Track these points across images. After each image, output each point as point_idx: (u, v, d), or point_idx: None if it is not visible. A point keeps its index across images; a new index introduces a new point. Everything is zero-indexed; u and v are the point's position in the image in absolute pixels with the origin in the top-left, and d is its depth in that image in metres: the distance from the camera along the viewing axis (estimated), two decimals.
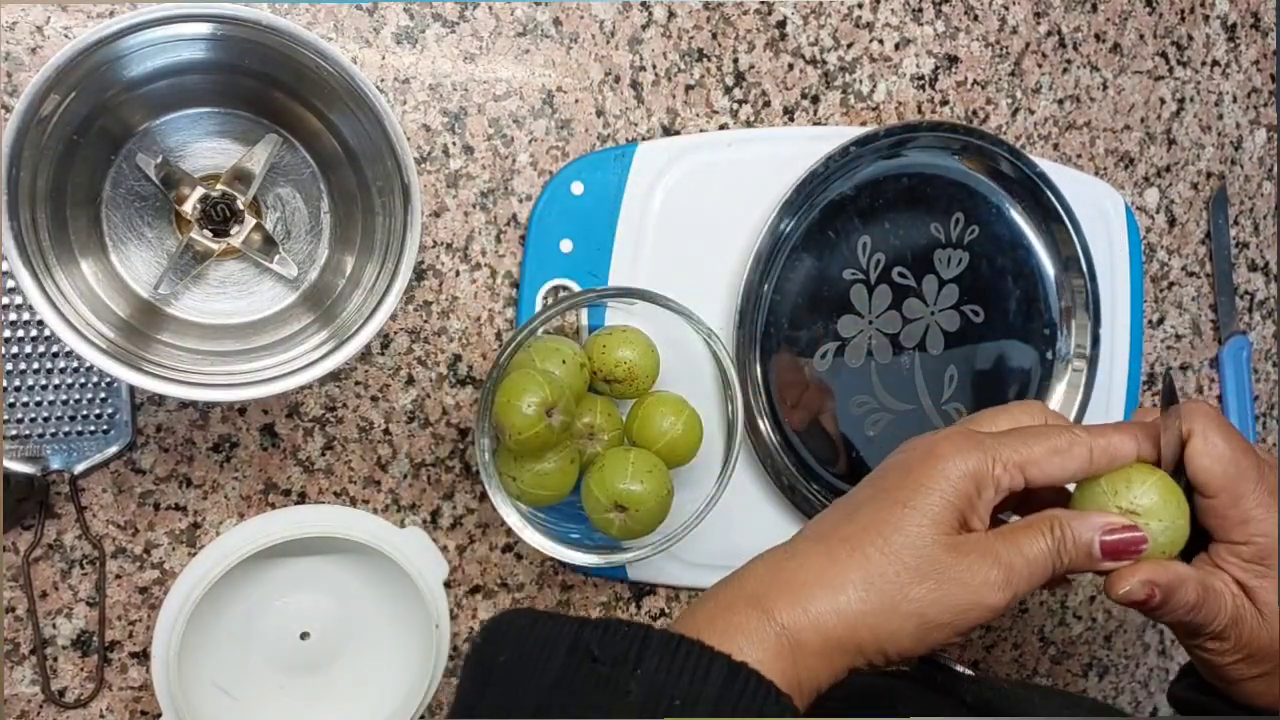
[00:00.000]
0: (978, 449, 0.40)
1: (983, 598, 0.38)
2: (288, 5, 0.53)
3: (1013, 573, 0.39)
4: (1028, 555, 0.39)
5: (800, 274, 0.60)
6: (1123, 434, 0.42)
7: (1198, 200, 0.73)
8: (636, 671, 0.34)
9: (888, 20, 0.64)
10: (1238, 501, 0.41)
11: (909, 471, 0.40)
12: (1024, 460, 0.40)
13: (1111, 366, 0.68)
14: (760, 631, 0.37)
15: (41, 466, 0.52)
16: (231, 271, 0.51)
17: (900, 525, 0.39)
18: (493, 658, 0.37)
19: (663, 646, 0.35)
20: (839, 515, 0.41)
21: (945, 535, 0.39)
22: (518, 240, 0.58)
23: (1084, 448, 0.41)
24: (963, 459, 0.40)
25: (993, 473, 0.40)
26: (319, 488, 0.56)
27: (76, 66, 0.42)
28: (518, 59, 0.57)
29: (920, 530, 0.39)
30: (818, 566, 0.39)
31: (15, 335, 0.51)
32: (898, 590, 0.38)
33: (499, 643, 0.37)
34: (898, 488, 0.40)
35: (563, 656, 0.35)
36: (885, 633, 0.38)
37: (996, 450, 0.40)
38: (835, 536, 0.40)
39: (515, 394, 0.49)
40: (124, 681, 0.55)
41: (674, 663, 0.34)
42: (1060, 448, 0.41)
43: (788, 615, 0.37)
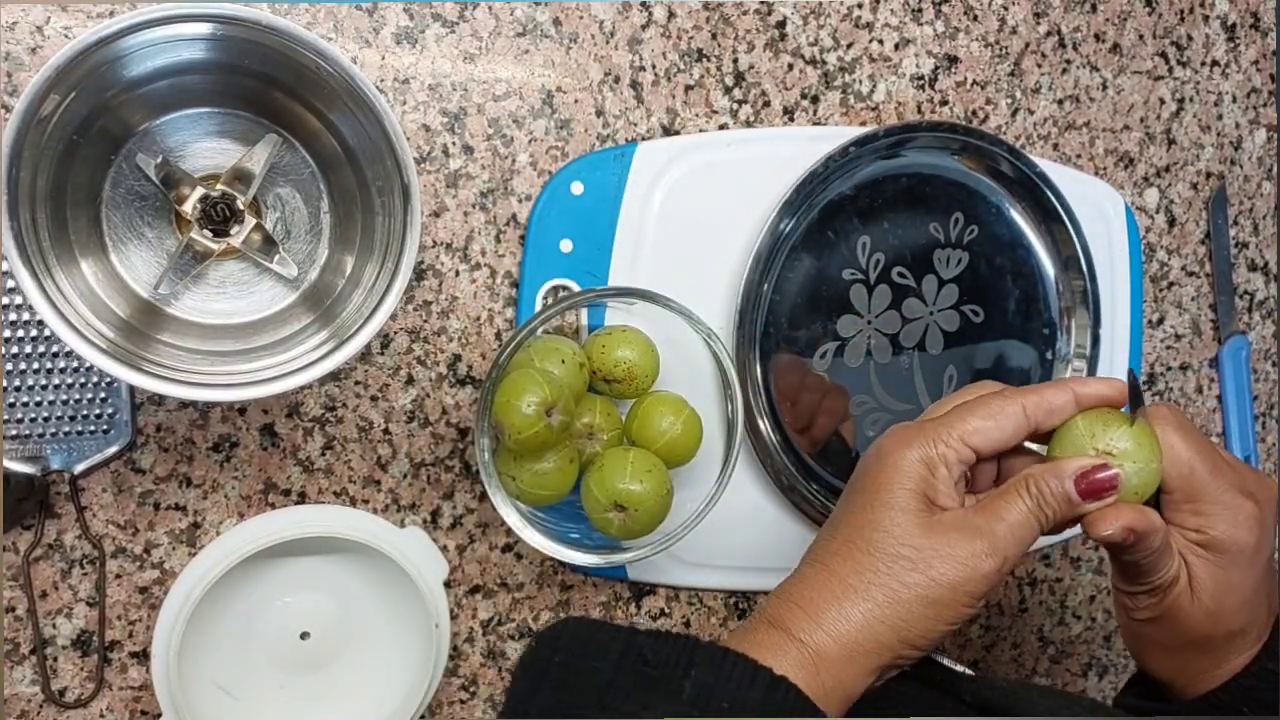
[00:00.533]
0: (918, 434, 0.43)
1: (974, 568, 0.41)
2: (288, 5, 0.53)
3: (996, 539, 0.41)
4: (1008, 519, 0.42)
5: (800, 274, 0.60)
6: (1055, 388, 0.44)
7: (1197, 200, 0.73)
8: (689, 675, 0.37)
9: (887, 20, 0.64)
10: (1192, 499, 0.44)
11: (868, 475, 0.43)
12: (963, 432, 0.43)
13: (1111, 366, 0.68)
14: (782, 648, 0.40)
15: (41, 466, 0.52)
16: (231, 271, 0.51)
17: (876, 524, 0.42)
18: (548, 659, 0.39)
19: (710, 656, 0.38)
20: (826, 534, 0.44)
21: (919, 520, 0.41)
22: (517, 240, 0.58)
23: (1016, 406, 0.43)
24: (907, 448, 0.42)
25: (937, 451, 0.42)
26: (319, 488, 0.56)
27: (76, 66, 0.42)
28: (517, 59, 0.57)
29: (894, 523, 0.41)
30: (819, 582, 0.42)
31: (15, 335, 0.51)
32: (894, 581, 0.40)
33: (554, 645, 0.40)
34: (863, 492, 0.43)
35: (616, 659, 0.38)
36: (899, 623, 0.40)
37: (935, 432, 0.43)
38: (827, 552, 0.43)
39: (515, 394, 0.49)
40: (124, 681, 0.55)
41: (721, 670, 0.37)
42: (994, 411, 0.43)
43: (804, 631, 0.40)
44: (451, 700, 0.60)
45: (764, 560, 0.62)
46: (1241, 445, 0.75)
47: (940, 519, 0.42)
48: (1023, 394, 0.44)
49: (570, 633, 0.40)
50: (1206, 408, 0.74)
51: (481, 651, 0.60)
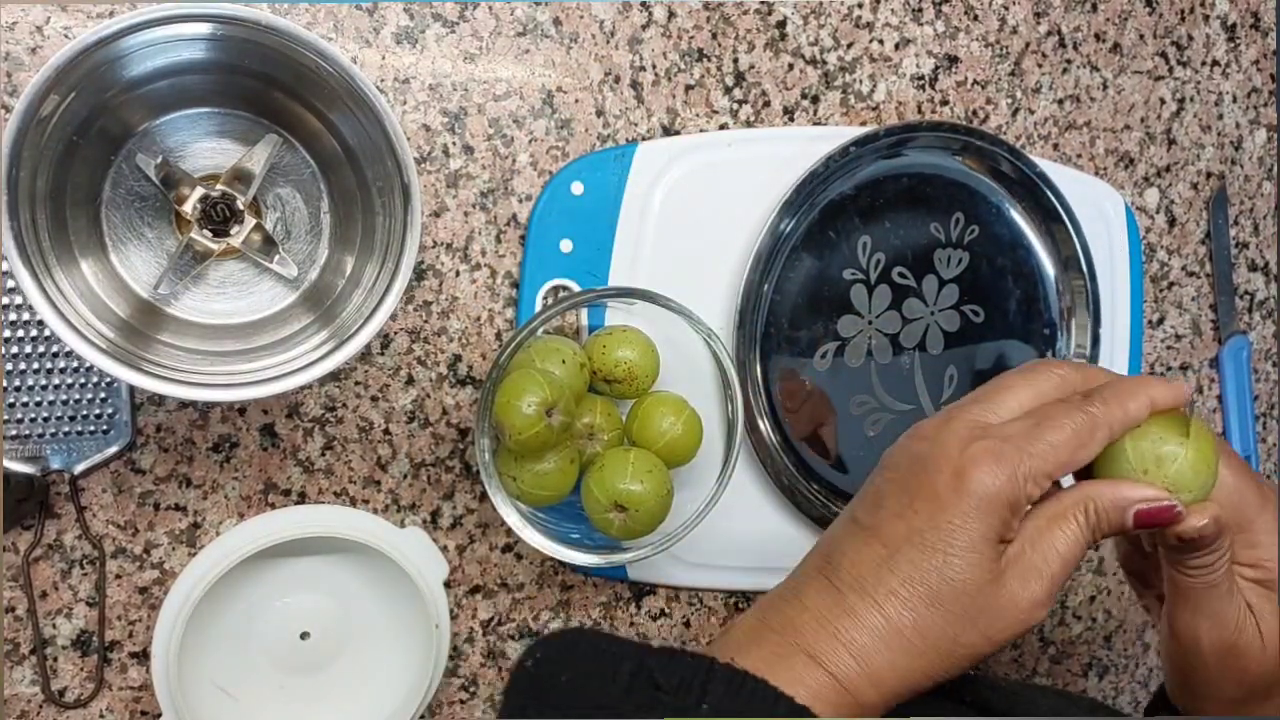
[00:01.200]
0: (1010, 473, 0.38)
1: (1029, 619, 0.38)
2: (288, 5, 0.53)
3: (1053, 579, 0.39)
4: (1062, 551, 0.39)
5: (800, 274, 0.60)
6: (1137, 399, 0.40)
7: (1198, 200, 0.73)
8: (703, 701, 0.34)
9: (888, 20, 0.64)
10: (1244, 528, 0.41)
11: (940, 506, 0.38)
12: (1054, 467, 0.39)
13: (1111, 366, 0.68)
14: (818, 684, 0.37)
15: (41, 466, 0.52)
16: (231, 271, 0.51)
17: (944, 574, 0.38)
18: (553, 675, 0.37)
19: (727, 680, 0.35)
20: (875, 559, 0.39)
21: (989, 571, 0.38)
22: (518, 240, 0.58)
23: (1104, 431, 0.40)
24: (995, 487, 0.38)
25: (1025, 490, 0.39)
26: (319, 488, 0.56)
27: (76, 66, 0.42)
28: (518, 59, 0.57)
29: (964, 577, 0.38)
30: (871, 625, 0.38)
31: (15, 335, 0.51)
32: (952, 639, 0.38)
33: (560, 660, 0.37)
34: (933, 529, 0.38)
35: (626, 681, 0.36)
36: (941, 672, 0.38)
37: (1025, 464, 0.38)
38: (882, 590, 0.38)
39: (515, 394, 0.49)
40: (124, 681, 0.55)
41: (739, 697, 0.35)
42: (1084, 439, 0.39)
43: (845, 674, 0.37)
44: (451, 700, 0.60)
45: (764, 560, 0.62)
46: (1242, 445, 0.75)
47: (1004, 566, 0.38)
48: (1107, 410, 0.40)
49: (578, 646, 0.38)
50: (1207, 408, 0.74)
51: (481, 652, 0.60)
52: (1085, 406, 0.40)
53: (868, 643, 0.38)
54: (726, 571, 0.62)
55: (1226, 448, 0.43)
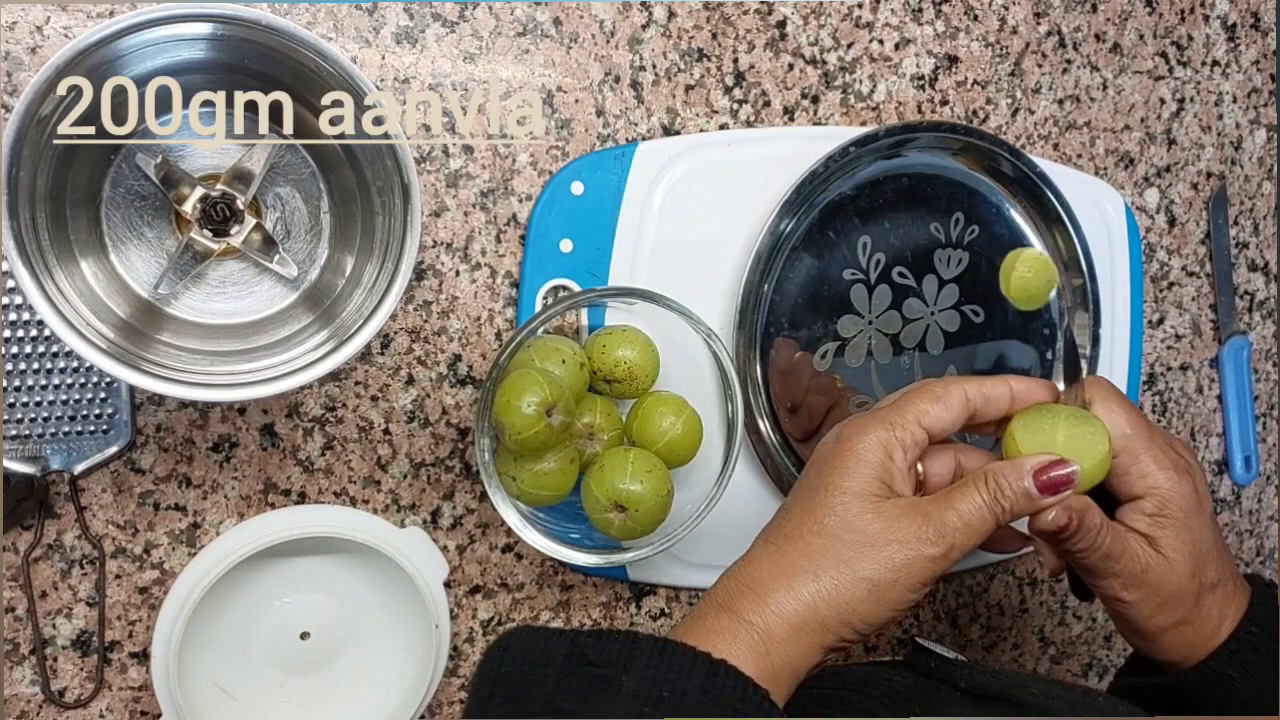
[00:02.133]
0: (874, 420, 0.45)
1: (919, 551, 0.42)
2: (288, 5, 0.53)
3: (945, 525, 0.43)
4: (960, 509, 0.43)
5: (800, 274, 0.60)
6: (993, 379, 0.47)
7: (1198, 200, 0.73)
8: (629, 670, 0.38)
9: (888, 20, 0.64)
10: (1136, 459, 0.46)
11: (824, 461, 0.45)
12: (916, 414, 0.45)
13: (1111, 367, 0.68)
14: (732, 631, 0.41)
15: (41, 466, 0.52)
16: (231, 271, 0.51)
17: (829, 508, 0.43)
18: (497, 669, 0.40)
19: (650, 648, 0.39)
20: (779, 517, 0.45)
21: (871, 504, 0.43)
22: (518, 240, 0.58)
23: (959, 389, 0.46)
24: (864, 434, 0.44)
25: (895, 435, 0.44)
26: (319, 488, 0.56)
27: (76, 66, 0.42)
28: (518, 59, 0.57)
29: (847, 507, 0.43)
30: (769, 564, 0.43)
31: (15, 335, 0.51)
32: (842, 564, 0.42)
33: (502, 656, 0.41)
34: (819, 476, 0.44)
35: (560, 662, 0.39)
36: (843, 604, 0.42)
37: (890, 416, 0.45)
38: (778, 535, 0.44)
39: (515, 394, 0.49)
40: (124, 681, 0.55)
41: (661, 661, 0.38)
42: (939, 395, 0.45)
43: (753, 612, 0.41)
44: (451, 700, 0.60)
45: None
46: (1242, 445, 0.75)
47: (892, 503, 0.43)
48: (963, 381, 0.47)
49: (517, 641, 0.41)
50: (1207, 408, 0.74)
51: (481, 652, 0.60)
52: (957, 379, 0.47)
53: (763, 577, 0.42)
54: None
55: (1118, 394, 0.48)
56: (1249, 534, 0.77)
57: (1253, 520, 0.77)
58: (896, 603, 0.42)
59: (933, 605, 0.68)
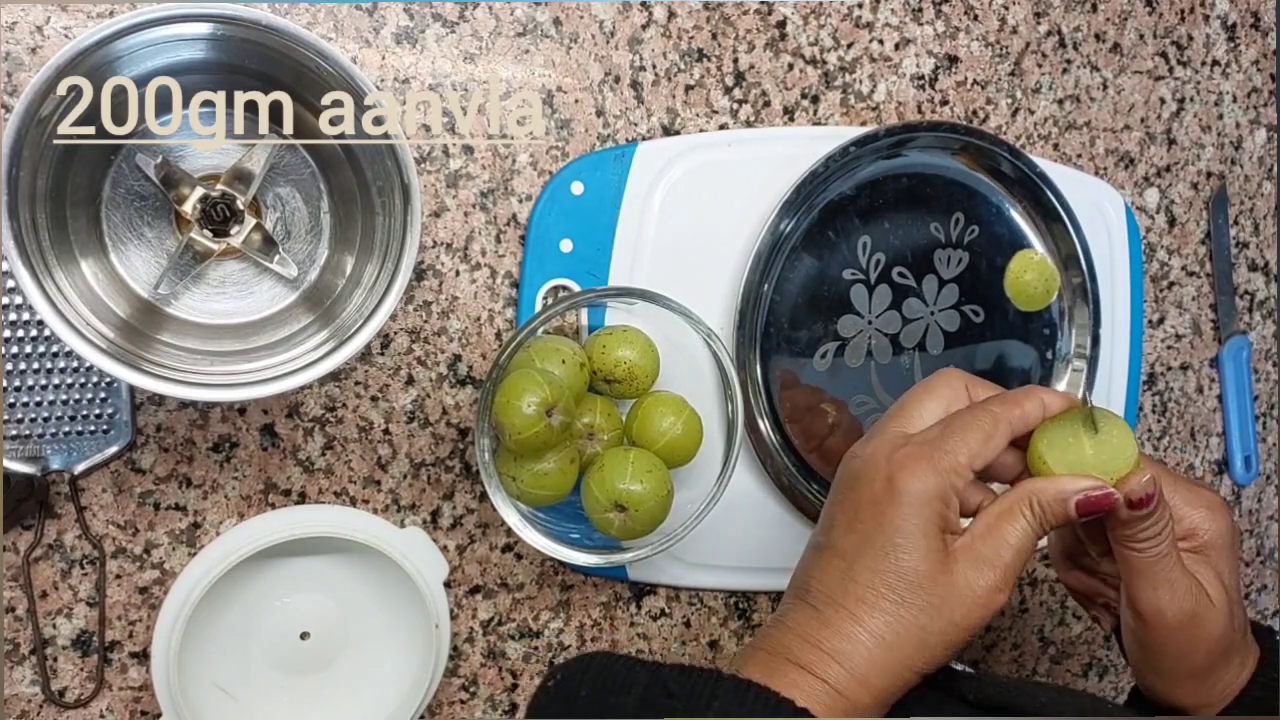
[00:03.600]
0: (932, 469, 0.43)
1: (988, 603, 0.42)
2: (288, 5, 0.53)
3: (1007, 568, 0.42)
4: (1013, 543, 0.43)
5: (800, 274, 0.60)
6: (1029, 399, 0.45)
7: (1198, 200, 0.73)
8: (710, 707, 0.38)
9: (888, 20, 0.64)
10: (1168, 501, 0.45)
11: (880, 511, 0.43)
12: (969, 459, 0.43)
13: (1111, 366, 0.68)
14: (813, 690, 0.41)
15: (41, 466, 0.52)
16: (231, 271, 0.51)
17: (899, 571, 0.42)
18: (574, 693, 0.40)
19: (733, 688, 0.39)
20: (838, 573, 0.43)
21: (939, 561, 0.42)
22: (518, 240, 0.58)
23: (1005, 426, 0.44)
24: (923, 483, 0.42)
25: (951, 484, 0.43)
26: (319, 488, 0.56)
27: (76, 66, 0.42)
28: (518, 59, 0.57)
29: (917, 569, 0.42)
30: (848, 631, 0.42)
31: (15, 335, 0.51)
32: (920, 629, 0.41)
33: (580, 679, 0.41)
34: (879, 532, 0.43)
35: (640, 692, 0.39)
36: (921, 663, 0.42)
37: (946, 461, 0.43)
38: (851, 598, 0.42)
39: (515, 394, 0.49)
40: (124, 681, 0.55)
41: (744, 704, 0.38)
42: (989, 433, 0.44)
43: (834, 678, 0.41)
44: (451, 700, 0.60)
45: (764, 560, 0.62)
46: (1242, 445, 0.75)
47: (954, 554, 0.42)
48: (1005, 408, 0.45)
49: (596, 666, 0.41)
50: (1207, 408, 0.74)
51: (481, 652, 0.60)
52: (986, 406, 0.45)
53: (848, 648, 0.41)
54: (726, 571, 0.62)
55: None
56: (1249, 534, 0.77)
57: (1253, 520, 0.77)
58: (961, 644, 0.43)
59: None
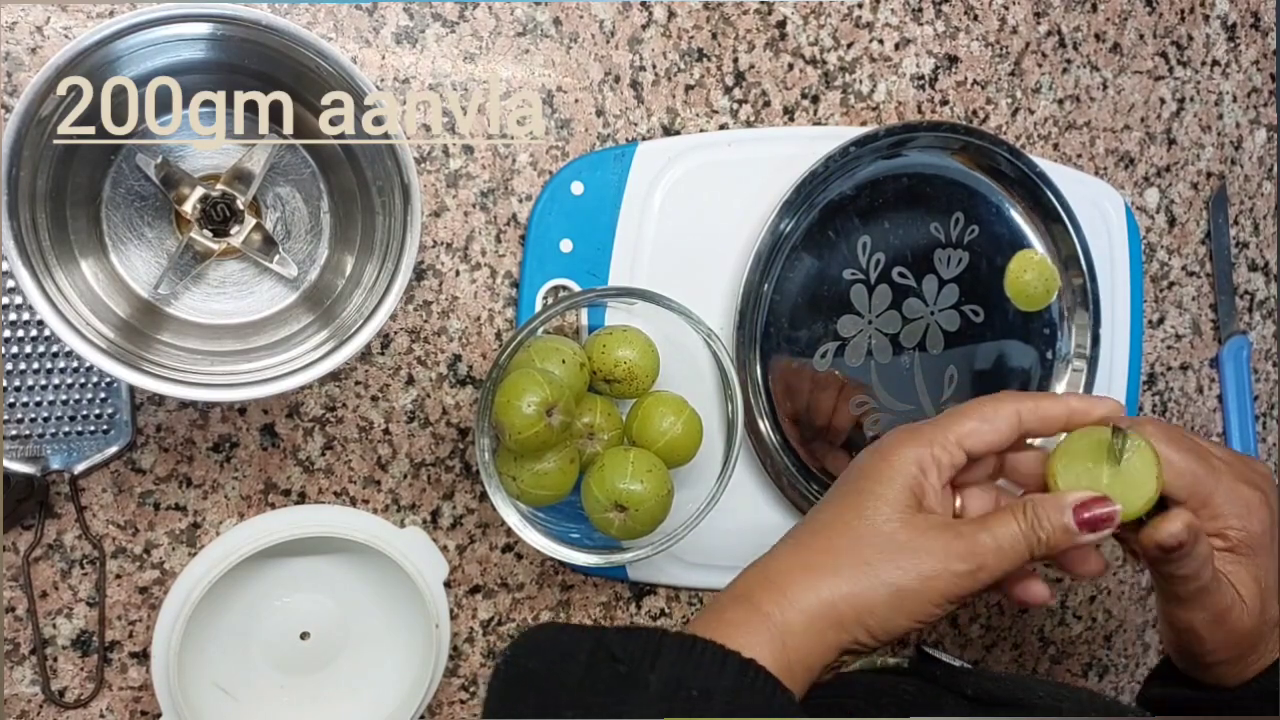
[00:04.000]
0: (914, 435, 0.44)
1: (947, 565, 0.41)
2: (288, 5, 0.53)
3: (977, 545, 0.42)
4: (995, 533, 0.42)
5: (800, 274, 0.60)
6: (1051, 399, 0.46)
7: (1198, 200, 0.73)
8: (655, 667, 0.38)
9: (888, 20, 0.64)
10: (1205, 503, 0.45)
11: (860, 469, 0.45)
12: (958, 435, 0.44)
13: (1111, 366, 0.68)
14: (750, 623, 0.41)
15: (41, 466, 0.52)
16: (231, 271, 0.51)
17: (861, 511, 0.43)
18: (524, 666, 0.40)
19: (678, 645, 0.38)
20: (807, 519, 0.45)
21: (903, 514, 0.43)
22: (518, 240, 0.58)
23: (1010, 409, 0.44)
24: (903, 447, 0.44)
25: (933, 454, 0.44)
26: (319, 488, 0.56)
27: (76, 66, 0.42)
28: (518, 59, 0.57)
29: (879, 512, 0.43)
30: (791, 559, 0.43)
31: (15, 335, 0.51)
32: (866, 566, 0.41)
33: (529, 652, 0.41)
34: (855, 482, 0.44)
35: (586, 657, 0.39)
36: (862, 605, 0.41)
37: (931, 434, 0.44)
38: (805, 532, 0.44)
39: (515, 394, 0.49)
40: (124, 681, 0.55)
41: (689, 659, 0.38)
42: (988, 414, 0.44)
43: (772, 604, 0.41)
44: (451, 700, 0.60)
45: None
46: (1242, 445, 0.75)
47: (923, 517, 0.43)
48: (1018, 399, 0.45)
49: (544, 638, 0.41)
50: (1207, 408, 0.74)
51: (481, 651, 0.60)
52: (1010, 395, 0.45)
53: (785, 570, 0.42)
54: (726, 571, 0.61)
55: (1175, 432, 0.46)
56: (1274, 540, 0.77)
57: None
58: (917, 613, 0.41)
59: None
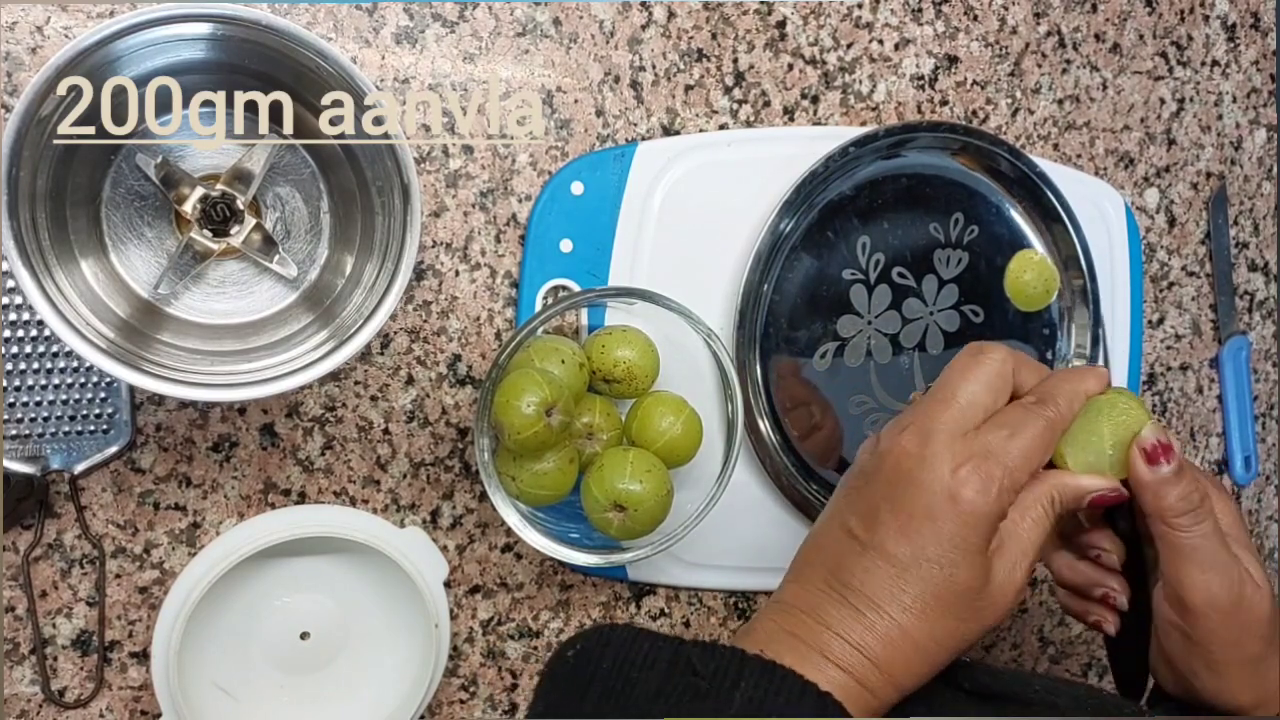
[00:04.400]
0: (994, 487, 0.42)
1: (1018, 599, 0.43)
2: (288, 5, 0.53)
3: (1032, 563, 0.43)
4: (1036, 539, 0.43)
5: (800, 274, 0.60)
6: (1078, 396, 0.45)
7: (1198, 200, 0.73)
8: (738, 686, 0.37)
9: (888, 20, 0.64)
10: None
11: (939, 526, 0.41)
12: (1026, 476, 0.43)
13: (1111, 367, 0.68)
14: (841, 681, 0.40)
15: (41, 466, 0.52)
16: (231, 271, 0.51)
17: (952, 585, 0.41)
18: (595, 664, 0.39)
19: (759, 669, 0.38)
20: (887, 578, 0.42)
21: (984, 571, 0.42)
22: (517, 240, 0.58)
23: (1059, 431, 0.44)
24: (984, 499, 0.41)
25: (1006, 501, 0.42)
26: (319, 487, 0.56)
27: (76, 66, 0.42)
28: (517, 59, 0.57)
29: (969, 585, 0.41)
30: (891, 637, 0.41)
31: (15, 335, 0.51)
32: (960, 638, 0.42)
33: (602, 652, 0.40)
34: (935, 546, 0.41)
35: (664, 668, 0.38)
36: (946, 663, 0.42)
37: (1006, 478, 0.42)
38: (897, 606, 0.41)
39: (515, 394, 0.49)
40: (124, 681, 0.55)
41: (771, 684, 0.37)
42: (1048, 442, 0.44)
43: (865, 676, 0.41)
44: (451, 700, 0.60)
45: (764, 560, 0.62)
46: (1241, 445, 0.75)
47: (993, 565, 0.42)
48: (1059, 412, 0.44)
49: (617, 639, 0.40)
50: (1206, 408, 0.74)
51: (481, 651, 0.60)
52: (1042, 411, 0.44)
53: (887, 653, 0.41)
54: (726, 571, 0.62)
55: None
56: (1249, 534, 0.77)
57: (1253, 520, 0.77)
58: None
59: None
